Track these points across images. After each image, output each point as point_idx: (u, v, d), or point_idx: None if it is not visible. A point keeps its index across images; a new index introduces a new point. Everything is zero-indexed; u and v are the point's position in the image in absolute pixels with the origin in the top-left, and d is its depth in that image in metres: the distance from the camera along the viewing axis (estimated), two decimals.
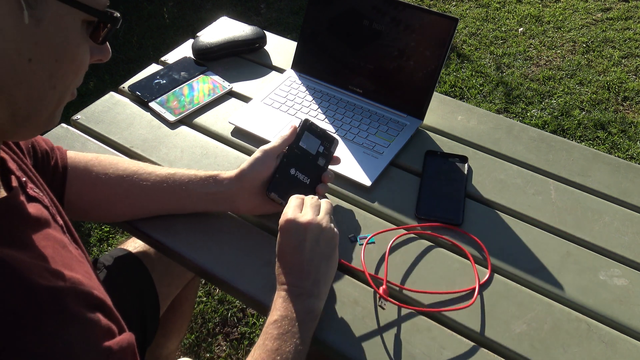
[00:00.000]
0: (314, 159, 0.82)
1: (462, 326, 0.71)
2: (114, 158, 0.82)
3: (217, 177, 0.78)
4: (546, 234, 0.82)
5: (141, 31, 2.78)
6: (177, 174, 0.79)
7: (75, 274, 0.50)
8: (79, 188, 0.78)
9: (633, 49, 2.63)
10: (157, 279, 0.96)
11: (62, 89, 0.50)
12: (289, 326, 0.63)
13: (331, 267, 0.71)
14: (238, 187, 0.78)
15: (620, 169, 0.93)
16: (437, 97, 1.07)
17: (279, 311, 0.65)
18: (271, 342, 0.62)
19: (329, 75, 1.08)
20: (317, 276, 0.68)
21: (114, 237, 1.82)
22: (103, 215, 0.83)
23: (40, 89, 0.48)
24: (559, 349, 0.68)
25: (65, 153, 0.79)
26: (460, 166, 0.92)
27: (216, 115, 1.04)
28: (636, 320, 0.71)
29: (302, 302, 0.66)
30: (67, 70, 0.49)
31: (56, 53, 0.47)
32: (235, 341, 1.54)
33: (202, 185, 0.78)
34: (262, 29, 1.20)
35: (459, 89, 2.42)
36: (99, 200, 0.79)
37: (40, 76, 0.47)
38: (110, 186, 0.78)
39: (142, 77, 1.10)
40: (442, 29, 0.94)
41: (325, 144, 0.84)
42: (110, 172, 0.79)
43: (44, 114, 0.51)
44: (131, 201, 0.79)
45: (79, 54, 0.50)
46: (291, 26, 2.80)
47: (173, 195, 0.79)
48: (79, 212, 0.80)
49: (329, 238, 0.70)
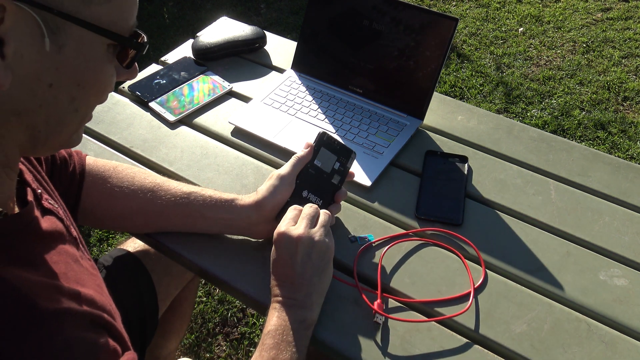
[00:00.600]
0: (329, 177, 0.79)
1: (462, 326, 0.71)
2: (132, 170, 0.80)
3: (234, 203, 0.76)
4: (546, 234, 0.82)
5: (141, 31, 2.77)
6: (192, 194, 0.76)
7: (87, 290, 0.49)
8: (94, 198, 0.77)
9: (633, 49, 2.63)
10: (156, 279, 0.95)
11: (84, 111, 0.50)
12: (283, 335, 0.63)
13: (324, 280, 0.70)
14: (256, 215, 0.75)
15: (620, 169, 0.93)
16: (437, 97, 1.07)
17: (273, 322, 0.65)
18: (267, 352, 0.62)
19: (329, 75, 1.08)
20: (309, 289, 0.68)
21: (114, 237, 1.82)
22: (117, 226, 0.83)
23: (60, 113, 0.47)
24: (559, 349, 0.68)
25: (84, 158, 0.79)
26: (460, 166, 0.92)
27: (216, 115, 1.04)
28: (636, 320, 0.71)
29: (294, 312, 0.66)
30: (90, 94, 0.49)
31: (78, 78, 0.46)
32: (235, 341, 1.54)
33: (218, 210, 0.76)
34: (262, 29, 1.20)
35: (459, 89, 2.42)
36: (113, 212, 0.78)
37: (62, 100, 0.46)
38: (125, 200, 0.77)
39: (142, 77, 1.10)
40: (442, 29, 0.94)
41: (341, 159, 0.80)
42: (125, 186, 0.77)
43: (64, 135, 0.50)
44: (145, 218, 0.78)
45: (103, 78, 0.49)
46: (291, 26, 2.80)
47: (188, 217, 0.77)
48: (94, 220, 0.80)
49: (322, 252, 0.69)
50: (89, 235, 1.82)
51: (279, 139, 0.97)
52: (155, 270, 0.96)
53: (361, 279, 0.76)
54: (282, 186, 0.75)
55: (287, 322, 0.64)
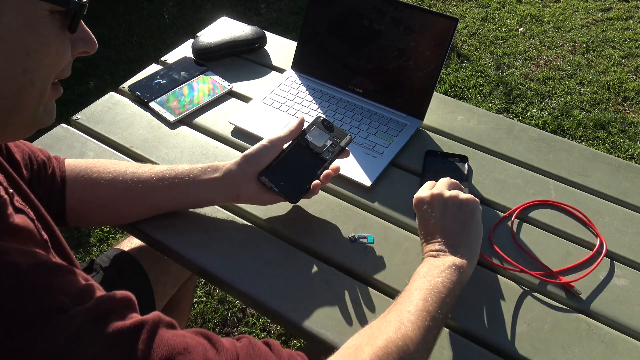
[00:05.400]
0: (319, 152, 0.82)
1: (462, 326, 0.71)
2: (111, 161, 0.82)
3: (218, 165, 0.79)
4: (546, 234, 0.82)
5: (141, 31, 2.78)
6: (176, 167, 0.79)
7: None
8: (79, 194, 0.77)
9: (633, 49, 2.63)
10: (153, 279, 0.96)
11: (41, 83, 0.49)
12: (434, 275, 0.65)
13: (467, 232, 0.71)
14: (240, 170, 0.77)
15: (620, 169, 0.93)
16: (437, 97, 1.07)
17: (423, 268, 0.67)
18: (421, 292, 0.63)
19: (329, 75, 1.08)
20: (455, 241, 0.70)
21: (113, 237, 1.82)
22: (108, 218, 0.83)
23: (15, 85, 0.47)
24: (559, 349, 0.68)
25: (63, 162, 0.79)
26: (460, 165, 0.92)
27: (216, 115, 1.04)
28: (636, 320, 0.71)
29: (444, 258, 0.67)
30: (43, 64, 0.48)
31: (25, 47, 0.46)
32: None
33: (203, 173, 0.78)
34: (262, 29, 1.20)
35: (459, 89, 2.42)
36: (101, 203, 0.79)
37: (14, 71, 0.46)
38: (111, 187, 0.78)
39: (142, 77, 1.10)
40: (442, 29, 0.94)
41: (335, 138, 0.83)
42: (107, 174, 0.78)
43: (27, 109, 0.50)
44: (134, 200, 0.79)
45: (53, 47, 0.48)
46: (291, 26, 2.80)
47: (176, 188, 0.78)
48: (83, 218, 0.80)
49: (456, 205, 0.72)
50: (89, 235, 1.82)
51: None
52: (152, 270, 0.96)
53: (362, 275, 0.76)
54: (269, 147, 0.79)
55: (437, 266, 0.66)
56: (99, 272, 0.91)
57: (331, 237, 0.81)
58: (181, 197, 0.79)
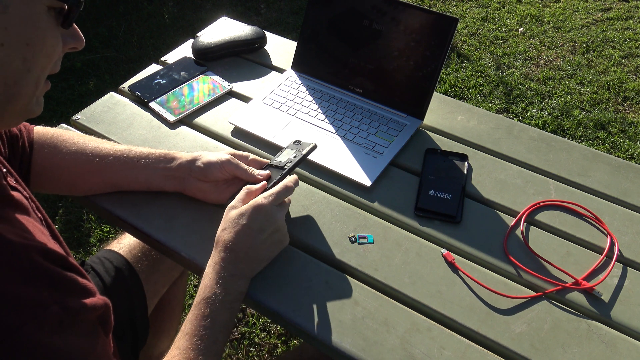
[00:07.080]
0: (282, 165, 0.82)
1: (462, 326, 0.71)
2: (77, 133, 0.86)
3: (174, 156, 0.82)
4: (546, 234, 0.82)
5: (141, 31, 2.78)
6: (135, 149, 0.83)
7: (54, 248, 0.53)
8: (43, 159, 0.81)
9: (633, 49, 2.63)
10: (144, 278, 0.96)
11: (37, 72, 0.52)
12: None
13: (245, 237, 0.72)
14: (189, 170, 0.81)
15: (620, 169, 0.93)
16: (437, 97, 1.07)
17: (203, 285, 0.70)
18: None
19: (329, 75, 1.08)
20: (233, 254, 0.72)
21: (114, 237, 1.82)
22: (68, 187, 0.85)
23: (15, 73, 0.50)
24: (559, 349, 0.68)
25: (31, 129, 0.82)
26: (459, 164, 0.92)
27: (216, 115, 1.04)
28: (636, 320, 0.71)
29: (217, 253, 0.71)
30: (39, 54, 0.51)
31: (26, 37, 0.49)
32: (235, 341, 1.54)
33: (159, 161, 0.82)
34: (262, 29, 1.20)
35: (459, 89, 2.42)
36: (62, 171, 0.82)
37: (15, 59, 0.49)
38: (72, 157, 0.81)
39: (142, 77, 1.10)
40: (442, 29, 0.94)
41: (298, 150, 0.84)
42: (71, 144, 0.82)
43: (23, 98, 0.53)
44: (89, 173, 0.82)
45: (49, 40, 0.52)
46: (291, 26, 2.80)
47: (131, 169, 0.82)
48: (44, 185, 0.83)
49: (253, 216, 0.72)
50: (89, 235, 1.82)
51: (279, 139, 0.97)
52: (142, 269, 0.97)
53: (362, 274, 0.76)
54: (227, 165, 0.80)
55: None
56: (90, 273, 0.91)
57: (331, 237, 0.81)
58: (134, 179, 0.83)
